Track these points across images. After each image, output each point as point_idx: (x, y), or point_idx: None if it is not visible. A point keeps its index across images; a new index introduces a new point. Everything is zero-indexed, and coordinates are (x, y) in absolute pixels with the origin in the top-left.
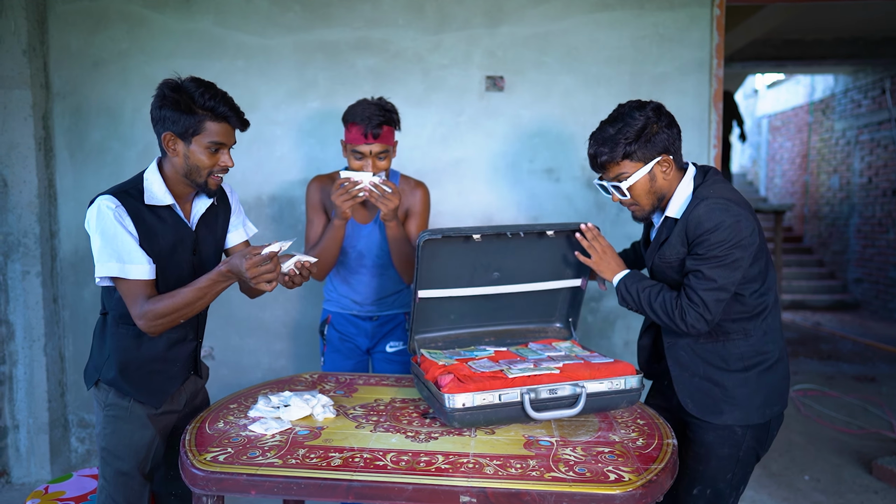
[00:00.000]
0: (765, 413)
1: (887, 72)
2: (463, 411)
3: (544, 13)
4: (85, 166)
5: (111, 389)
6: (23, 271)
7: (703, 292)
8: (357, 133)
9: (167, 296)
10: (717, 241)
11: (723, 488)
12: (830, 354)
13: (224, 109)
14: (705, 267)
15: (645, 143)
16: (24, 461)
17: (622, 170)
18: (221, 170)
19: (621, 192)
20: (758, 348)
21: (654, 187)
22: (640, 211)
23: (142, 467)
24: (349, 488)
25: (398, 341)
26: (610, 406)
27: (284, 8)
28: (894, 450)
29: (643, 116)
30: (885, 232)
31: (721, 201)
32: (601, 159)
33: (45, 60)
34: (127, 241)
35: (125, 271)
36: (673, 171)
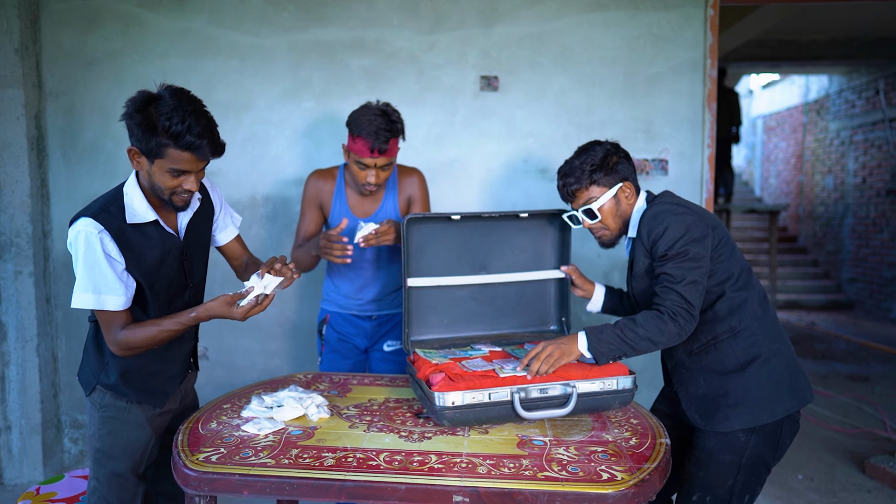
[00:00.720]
0: (775, 411)
1: (881, 72)
2: (453, 409)
3: (539, 13)
4: (78, 166)
5: (108, 392)
6: (15, 271)
7: (678, 287)
8: (363, 146)
9: (144, 327)
10: (671, 240)
11: (722, 495)
12: (825, 354)
13: (189, 140)
14: (669, 266)
15: (608, 171)
16: (16, 462)
17: (591, 194)
18: (186, 192)
19: (592, 214)
20: (749, 343)
21: (620, 211)
22: (608, 235)
23: (136, 468)
24: (342, 488)
25: (396, 340)
26: (602, 406)
27: (279, 7)
28: (887, 449)
29: (602, 150)
30: (879, 232)
31: (664, 205)
32: (571, 188)
33: (38, 59)
34: (106, 272)
35: (101, 302)
36: (633, 195)
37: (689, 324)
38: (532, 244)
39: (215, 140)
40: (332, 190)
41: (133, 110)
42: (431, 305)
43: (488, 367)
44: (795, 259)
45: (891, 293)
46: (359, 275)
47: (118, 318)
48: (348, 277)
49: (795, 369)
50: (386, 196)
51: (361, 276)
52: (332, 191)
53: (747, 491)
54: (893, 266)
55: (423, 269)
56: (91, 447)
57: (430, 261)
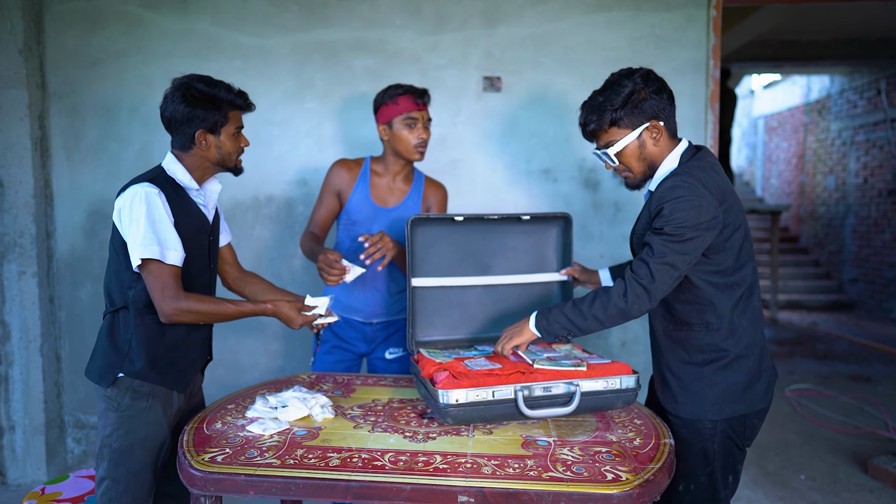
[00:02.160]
0: (721, 410)
1: (883, 72)
2: (457, 407)
3: (541, 14)
4: (81, 166)
5: (128, 391)
6: (19, 271)
7: (652, 264)
8: (408, 102)
9: (211, 301)
10: (674, 218)
11: (705, 482)
12: (826, 354)
13: (240, 100)
14: (657, 241)
15: (632, 110)
16: (20, 462)
17: (610, 137)
18: (242, 151)
19: (611, 158)
20: (717, 344)
21: (644, 153)
22: (632, 178)
23: (154, 464)
24: (347, 488)
25: (398, 348)
26: (605, 406)
27: (282, 8)
28: (890, 449)
29: (630, 83)
30: (880, 232)
31: (689, 180)
32: (590, 128)
33: (42, 60)
34: (168, 227)
35: (165, 255)
36: (664, 138)
37: (639, 303)
38: (535, 246)
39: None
40: (353, 178)
41: (194, 95)
42: (436, 307)
43: (491, 367)
44: (797, 259)
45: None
46: (360, 280)
47: (175, 275)
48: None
49: (755, 375)
50: (410, 194)
51: (362, 282)
52: (355, 179)
53: (728, 472)
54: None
55: (427, 269)
56: (107, 447)
57: (435, 262)
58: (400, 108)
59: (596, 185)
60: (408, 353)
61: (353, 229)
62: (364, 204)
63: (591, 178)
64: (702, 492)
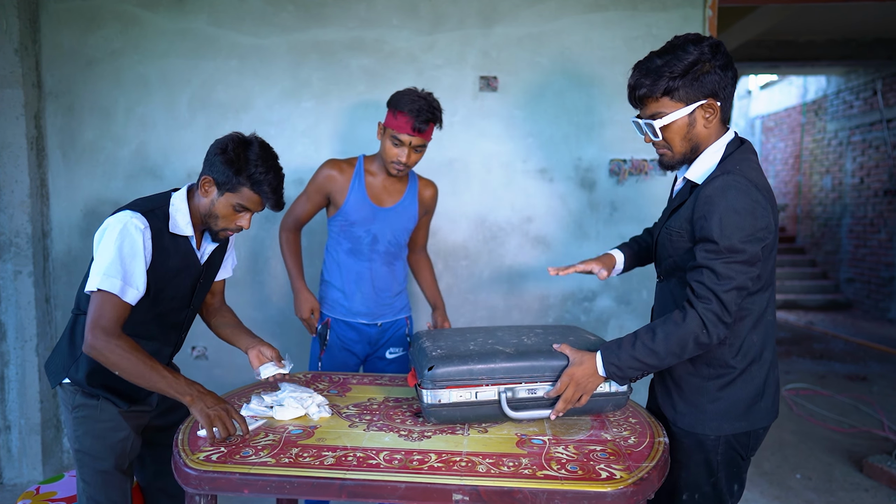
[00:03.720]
0: (721, 427)
1: (879, 73)
2: (439, 407)
3: (538, 13)
4: (77, 166)
5: (78, 390)
6: (14, 271)
7: (721, 293)
8: (404, 122)
9: (138, 354)
10: (731, 230)
11: (709, 492)
12: (823, 354)
13: (266, 189)
14: (718, 262)
15: (691, 82)
16: (15, 462)
17: (660, 108)
18: (236, 229)
19: (654, 132)
20: (727, 359)
21: (692, 133)
22: (669, 157)
23: (119, 464)
24: (342, 487)
25: (398, 347)
26: (594, 409)
27: (278, 8)
28: (885, 448)
29: (696, 51)
30: (876, 232)
31: (742, 181)
32: (639, 92)
33: (38, 59)
34: (139, 267)
35: (123, 292)
36: (716, 121)
37: (720, 333)
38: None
39: (280, 196)
40: (347, 179)
41: (226, 148)
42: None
43: None
44: (794, 259)
45: (888, 293)
46: (369, 267)
47: (121, 312)
48: (350, 286)
49: (758, 394)
50: (408, 193)
51: (371, 268)
52: (349, 180)
53: (733, 482)
54: (891, 266)
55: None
56: (72, 449)
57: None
58: (397, 122)
59: (592, 185)
60: (407, 353)
61: (352, 230)
62: (362, 204)
63: (587, 177)
64: (708, 500)
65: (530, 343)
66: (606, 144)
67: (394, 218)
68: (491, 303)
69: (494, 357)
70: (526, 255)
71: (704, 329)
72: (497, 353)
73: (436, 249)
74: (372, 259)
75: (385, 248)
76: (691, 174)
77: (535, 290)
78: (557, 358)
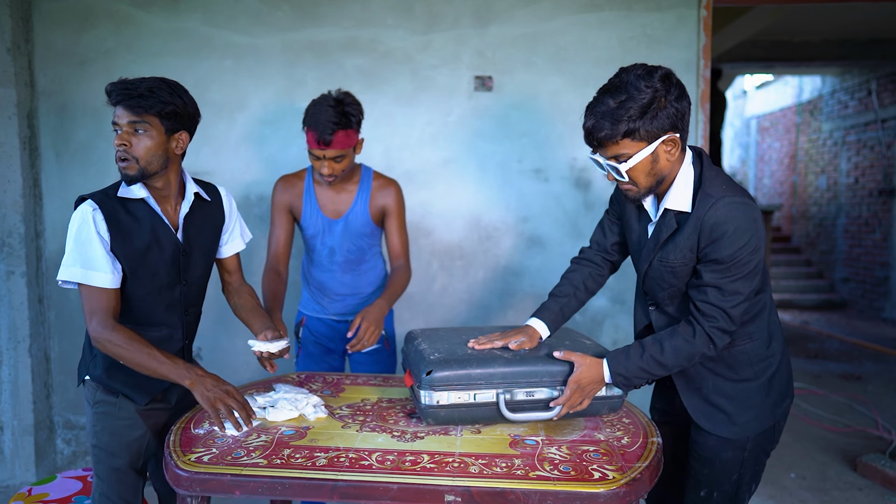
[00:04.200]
0: (775, 413)
1: (873, 73)
2: (438, 408)
3: (533, 13)
4: (71, 165)
5: (98, 387)
6: (7, 271)
7: (727, 305)
8: (311, 138)
9: (136, 343)
10: (738, 248)
11: (728, 490)
12: (818, 353)
13: (110, 87)
14: (725, 280)
15: (650, 120)
16: (8, 463)
17: (622, 150)
18: (117, 152)
19: (619, 173)
20: (763, 351)
21: (656, 169)
22: (635, 192)
23: (133, 463)
24: (334, 488)
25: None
26: (590, 412)
27: (273, 7)
28: (879, 447)
29: (650, 88)
30: (871, 232)
31: (738, 202)
32: (599, 136)
33: (30, 58)
34: (96, 248)
35: (87, 277)
36: (678, 151)
37: (724, 343)
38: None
39: (126, 89)
40: (300, 192)
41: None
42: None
43: None
44: (789, 259)
45: (883, 292)
46: (332, 277)
47: (105, 300)
48: (324, 286)
49: (791, 370)
50: (357, 199)
51: (335, 279)
52: (301, 192)
53: (753, 481)
54: (886, 266)
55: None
56: (90, 444)
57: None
58: (308, 138)
59: (587, 185)
60: (384, 347)
61: (311, 243)
62: (315, 218)
63: (582, 177)
64: (726, 499)
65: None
66: None
67: (346, 228)
68: (486, 303)
69: (493, 362)
70: (521, 255)
71: (711, 344)
72: (495, 358)
73: (431, 249)
74: (332, 270)
75: (344, 257)
76: (673, 204)
77: (530, 290)
78: (555, 363)
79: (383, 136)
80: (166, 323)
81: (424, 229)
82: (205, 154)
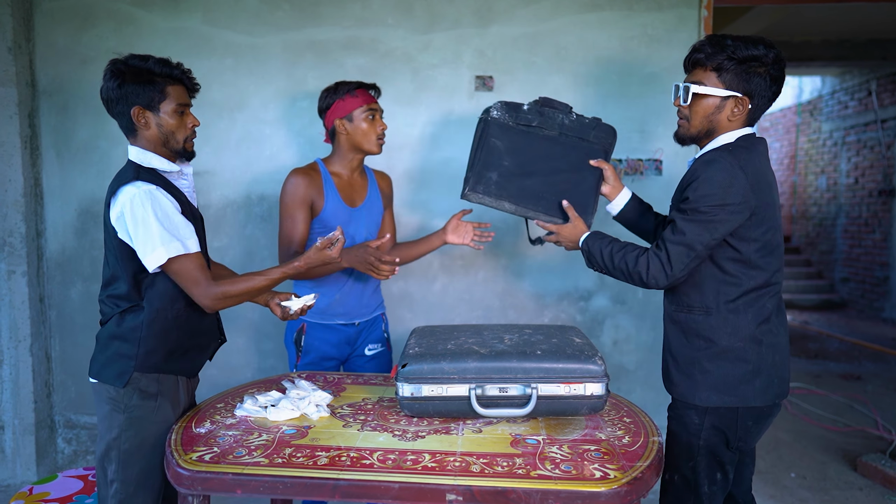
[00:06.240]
0: (710, 398)
1: (873, 73)
2: (412, 400)
3: (534, 13)
4: (72, 165)
5: (135, 392)
6: (8, 270)
7: (670, 244)
8: (365, 95)
9: (241, 280)
10: (701, 195)
11: (688, 475)
12: (817, 353)
13: (178, 72)
14: (680, 218)
15: (742, 72)
16: (9, 462)
17: (703, 78)
18: (192, 132)
19: (686, 96)
20: (709, 334)
21: (714, 117)
22: (685, 129)
23: (163, 465)
24: (335, 487)
25: (376, 343)
26: (568, 411)
27: (273, 7)
28: (879, 447)
29: (762, 51)
30: (871, 232)
31: (728, 158)
32: (697, 55)
33: (31, 58)
34: (179, 218)
35: (187, 247)
36: (741, 118)
37: (656, 281)
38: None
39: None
40: (320, 185)
41: (123, 73)
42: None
43: None
44: (789, 259)
45: (883, 292)
46: (336, 284)
47: (201, 263)
48: (328, 288)
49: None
50: (371, 189)
51: (339, 285)
52: (321, 185)
53: (715, 470)
54: (885, 266)
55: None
56: (114, 449)
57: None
58: (360, 100)
59: None
60: (386, 349)
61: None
62: (338, 208)
63: None
64: (686, 484)
65: (509, 344)
66: None
67: (366, 217)
68: (486, 302)
69: (467, 357)
70: (521, 255)
71: (647, 271)
72: (470, 353)
73: None
74: (337, 277)
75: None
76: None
77: (530, 290)
78: (529, 360)
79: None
80: None
81: (425, 229)
82: (205, 153)
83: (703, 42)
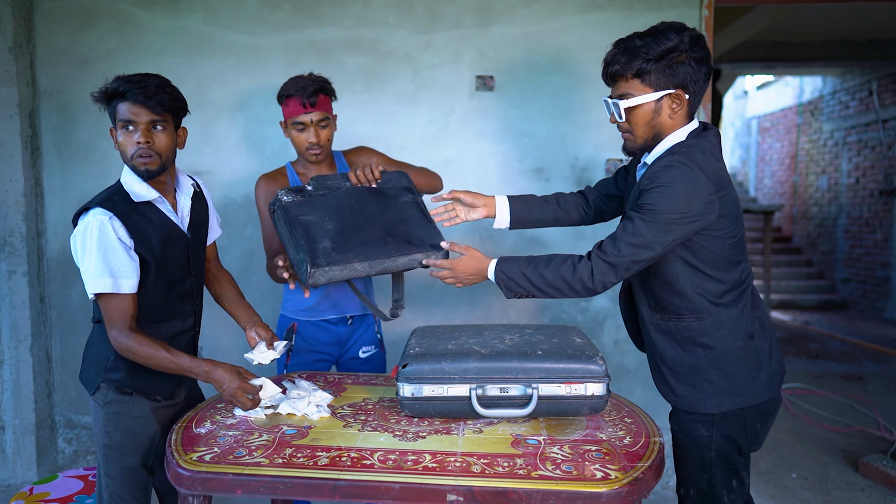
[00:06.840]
0: (721, 403)
1: (874, 73)
2: (412, 401)
3: (535, 13)
4: (72, 165)
5: (111, 387)
6: (9, 270)
7: (623, 243)
8: (296, 105)
9: (152, 345)
10: (663, 201)
11: (704, 488)
12: (818, 353)
13: (124, 87)
14: (637, 218)
15: (664, 68)
16: (9, 462)
17: (629, 89)
18: (139, 149)
19: (619, 113)
20: (705, 340)
21: (656, 121)
22: (632, 142)
23: (145, 461)
24: (335, 487)
25: (370, 345)
26: (569, 411)
27: (274, 6)
28: (880, 447)
29: (676, 39)
30: (872, 232)
31: (687, 161)
32: (612, 69)
33: (32, 58)
34: (121, 256)
35: (118, 286)
36: (682, 113)
37: (603, 284)
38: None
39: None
40: (286, 186)
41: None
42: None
43: None
44: (790, 259)
45: (884, 293)
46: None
47: (129, 306)
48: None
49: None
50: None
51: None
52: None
53: (731, 478)
54: (886, 266)
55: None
56: (99, 444)
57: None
58: (289, 110)
59: (589, 185)
60: (380, 350)
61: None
62: None
63: (583, 177)
64: (702, 497)
65: (510, 344)
66: (602, 144)
67: None
68: (487, 303)
69: (468, 357)
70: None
71: (592, 276)
72: (471, 354)
73: None
74: None
75: None
76: (650, 159)
77: None
78: (530, 360)
79: (385, 135)
80: (179, 314)
81: None
82: (205, 154)
83: (613, 52)
